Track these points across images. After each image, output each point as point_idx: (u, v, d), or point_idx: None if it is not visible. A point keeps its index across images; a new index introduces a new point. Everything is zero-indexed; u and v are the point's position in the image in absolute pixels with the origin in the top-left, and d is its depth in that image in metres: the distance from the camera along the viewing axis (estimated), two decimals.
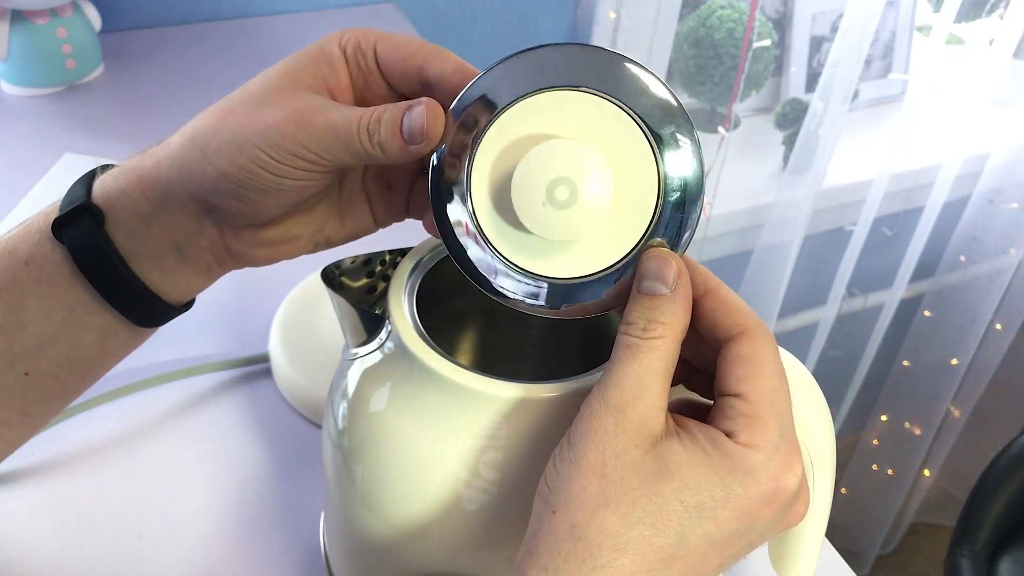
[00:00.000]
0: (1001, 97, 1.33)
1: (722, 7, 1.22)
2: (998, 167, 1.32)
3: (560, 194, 0.32)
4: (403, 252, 0.40)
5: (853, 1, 1.06)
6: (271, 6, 0.99)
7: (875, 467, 1.65)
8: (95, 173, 0.38)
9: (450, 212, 0.34)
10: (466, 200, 0.34)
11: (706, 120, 1.30)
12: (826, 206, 1.30)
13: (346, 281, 0.39)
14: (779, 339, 0.37)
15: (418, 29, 1.01)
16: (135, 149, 0.41)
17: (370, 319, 0.37)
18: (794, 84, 1.38)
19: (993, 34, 1.18)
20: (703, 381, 0.36)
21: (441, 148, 0.34)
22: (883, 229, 1.40)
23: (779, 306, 1.32)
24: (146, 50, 0.92)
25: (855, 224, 1.27)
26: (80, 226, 0.36)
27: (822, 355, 1.45)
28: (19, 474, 0.52)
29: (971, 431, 1.63)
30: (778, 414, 0.31)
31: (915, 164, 1.34)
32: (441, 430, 0.35)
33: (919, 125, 1.20)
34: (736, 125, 1.29)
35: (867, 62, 1.28)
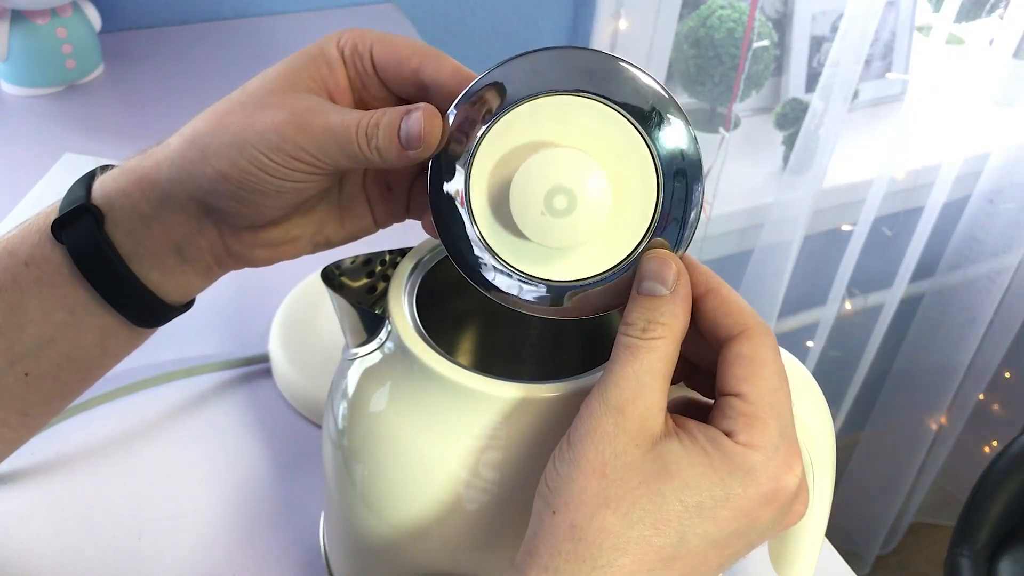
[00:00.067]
0: (1001, 97, 1.33)
1: (722, 7, 1.22)
2: (998, 167, 1.32)
3: (558, 203, 0.32)
4: (403, 252, 0.40)
5: (853, 1, 1.06)
6: (271, 6, 0.99)
7: (875, 467, 1.65)
8: (95, 174, 0.38)
9: (449, 214, 0.34)
10: (465, 203, 0.34)
11: (706, 120, 1.30)
12: (826, 206, 1.30)
13: (346, 281, 0.39)
14: (779, 339, 0.37)
15: (418, 29, 1.01)
16: (135, 149, 0.41)
17: (370, 319, 0.37)
18: (794, 84, 1.38)
19: (993, 34, 1.18)
20: (704, 380, 0.36)
21: (439, 152, 0.34)
22: (883, 229, 1.40)
23: (779, 306, 1.32)
24: (146, 50, 0.92)
25: (855, 224, 1.27)
26: (80, 226, 0.36)
27: (822, 355, 1.45)
28: (19, 474, 0.52)
29: (971, 431, 1.63)
30: (778, 414, 0.31)
31: (915, 164, 1.34)
32: (441, 430, 0.35)
33: (919, 125, 1.20)
34: (736, 125, 1.29)
35: (867, 62, 1.28)
